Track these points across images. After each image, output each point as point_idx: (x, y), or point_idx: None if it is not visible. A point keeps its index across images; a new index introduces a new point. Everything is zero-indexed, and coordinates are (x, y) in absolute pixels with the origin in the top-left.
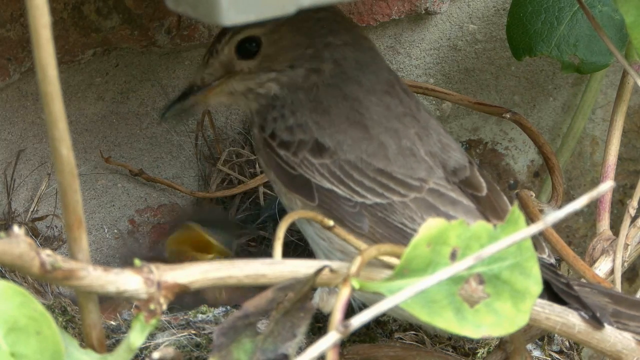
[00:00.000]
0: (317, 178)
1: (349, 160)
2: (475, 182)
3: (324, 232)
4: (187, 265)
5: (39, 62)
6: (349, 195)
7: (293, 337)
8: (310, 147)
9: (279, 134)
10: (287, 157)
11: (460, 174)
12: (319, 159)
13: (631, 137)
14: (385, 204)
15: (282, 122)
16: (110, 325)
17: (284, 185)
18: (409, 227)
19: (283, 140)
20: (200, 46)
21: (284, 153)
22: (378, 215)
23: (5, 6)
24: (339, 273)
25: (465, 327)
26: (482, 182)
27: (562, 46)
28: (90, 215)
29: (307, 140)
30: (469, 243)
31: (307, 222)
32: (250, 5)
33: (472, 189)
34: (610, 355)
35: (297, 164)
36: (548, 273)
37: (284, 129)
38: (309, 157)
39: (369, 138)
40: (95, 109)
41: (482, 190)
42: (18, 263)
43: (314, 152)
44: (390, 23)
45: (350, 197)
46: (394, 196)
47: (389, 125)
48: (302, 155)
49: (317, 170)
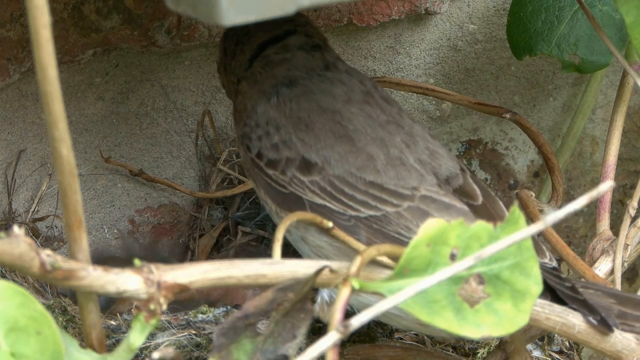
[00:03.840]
0: (309, 195)
1: (338, 175)
2: (469, 190)
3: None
4: (187, 265)
5: (39, 62)
6: (342, 209)
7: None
8: (297, 164)
9: (265, 153)
10: (277, 177)
11: (453, 183)
12: (308, 177)
13: (631, 137)
14: (379, 215)
15: (267, 140)
16: (110, 325)
17: (276, 204)
18: (405, 236)
19: (270, 159)
20: (200, 46)
21: (272, 172)
22: (374, 227)
23: (5, 6)
24: (339, 273)
25: (465, 327)
26: (477, 190)
27: (562, 45)
28: (90, 215)
29: (294, 158)
30: (469, 243)
31: (302, 241)
32: (250, 5)
33: (467, 198)
34: (610, 355)
35: (287, 182)
36: (552, 278)
37: (270, 147)
38: (298, 174)
39: (356, 151)
40: (95, 109)
41: (477, 199)
42: (18, 263)
43: (302, 170)
44: (390, 23)
45: (343, 212)
46: (387, 207)
47: (374, 135)
48: (291, 173)
49: (308, 188)
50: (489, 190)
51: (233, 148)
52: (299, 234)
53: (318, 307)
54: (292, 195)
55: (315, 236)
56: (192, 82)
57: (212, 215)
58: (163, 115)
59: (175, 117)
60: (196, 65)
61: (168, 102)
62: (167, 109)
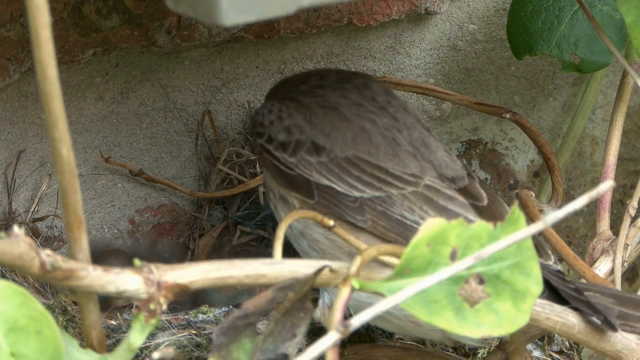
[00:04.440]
0: (316, 176)
1: (346, 157)
2: (475, 192)
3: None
4: (187, 265)
5: (39, 62)
6: (348, 190)
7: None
8: (307, 147)
9: (275, 135)
10: (285, 159)
11: (458, 183)
12: (315, 158)
13: (631, 137)
14: (384, 196)
15: (279, 124)
16: (110, 325)
17: (282, 186)
18: (408, 218)
19: (280, 141)
20: (200, 46)
21: (281, 155)
22: (378, 209)
23: (5, 6)
24: (339, 273)
25: (465, 327)
26: (483, 193)
27: (562, 45)
28: (90, 215)
29: (304, 140)
30: (469, 243)
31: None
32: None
33: (472, 199)
34: (610, 355)
35: (295, 164)
36: (556, 280)
37: (281, 129)
38: (306, 156)
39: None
40: (95, 109)
41: (482, 200)
42: (18, 263)
43: (311, 152)
44: (390, 23)
45: (349, 193)
46: (392, 189)
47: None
48: (300, 155)
49: (315, 169)
50: (495, 195)
51: (233, 148)
52: (299, 229)
53: (319, 312)
54: (299, 177)
55: (312, 229)
56: (192, 82)
57: (212, 215)
58: (163, 115)
59: (175, 117)
60: (196, 65)
61: (168, 102)
62: (167, 109)
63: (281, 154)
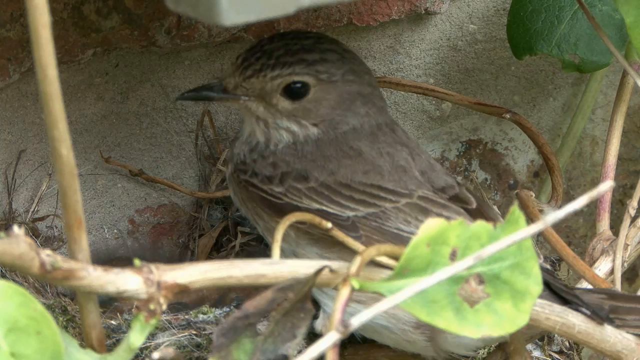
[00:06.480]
0: (305, 202)
1: (337, 181)
2: (464, 197)
3: None
4: (187, 265)
5: (39, 62)
6: (339, 211)
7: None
8: (294, 176)
9: (260, 171)
10: (272, 190)
11: (449, 192)
12: (304, 184)
13: (631, 137)
14: (378, 212)
15: (262, 161)
16: (110, 325)
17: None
18: (405, 230)
19: (265, 175)
20: (200, 46)
21: (267, 187)
22: (372, 225)
23: (5, 6)
24: (339, 273)
25: (465, 327)
26: (471, 197)
27: (562, 45)
28: (90, 215)
29: (290, 172)
30: (468, 243)
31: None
32: (250, 5)
33: (462, 203)
34: (610, 356)
35: (283, 193)
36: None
37: (266, 165)
38: (294, 184)
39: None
40: (95, 109)
41: (471, 204)
42: (18, 263)
43: (299, 179)
44: (390, 23)
45: (341, 213)
46: (385, 203)
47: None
48: (288, 184)
49: (305, 195)
50: (483, 200)
51: None
52: (291, 249)
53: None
54: (287, 205)
55: (306, 249)
56: (192, 82)
57: (212, 215)
58: (163, 115)
59: (175, 117)
60: (196, 65)
61: (168, 102)
62: (167, 109)
63: (268, 185)
